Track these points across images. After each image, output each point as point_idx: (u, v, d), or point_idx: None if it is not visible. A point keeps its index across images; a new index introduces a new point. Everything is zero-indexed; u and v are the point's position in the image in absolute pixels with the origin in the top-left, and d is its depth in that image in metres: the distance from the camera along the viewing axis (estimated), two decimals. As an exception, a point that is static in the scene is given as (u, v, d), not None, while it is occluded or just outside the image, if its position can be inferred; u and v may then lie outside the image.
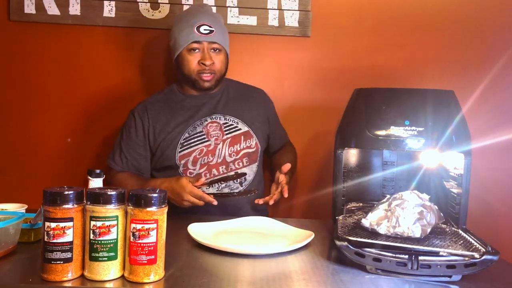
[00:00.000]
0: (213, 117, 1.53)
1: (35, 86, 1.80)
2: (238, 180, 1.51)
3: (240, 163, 1.51)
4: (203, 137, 1.50)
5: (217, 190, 1.48)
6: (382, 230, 1.02)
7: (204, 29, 1.46)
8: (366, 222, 1.05)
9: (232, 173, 1.49)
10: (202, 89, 1.52)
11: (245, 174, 1.50)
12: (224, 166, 1.49)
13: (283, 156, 1.64)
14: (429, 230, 1.01)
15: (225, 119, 1.54)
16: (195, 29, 1.45)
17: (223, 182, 1.47)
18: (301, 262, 1.00)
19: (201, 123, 1.52)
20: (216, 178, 1.47)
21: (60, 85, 1.80)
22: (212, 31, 1.46)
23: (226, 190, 1.49)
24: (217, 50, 1.49)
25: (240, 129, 1.54)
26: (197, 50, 1.47)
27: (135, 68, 1.81)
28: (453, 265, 0.90)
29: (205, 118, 1.53)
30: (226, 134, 1.52)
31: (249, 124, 1.55)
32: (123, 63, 1.81)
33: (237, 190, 1.50)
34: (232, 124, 1.54)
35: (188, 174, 1.48)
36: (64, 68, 1.80)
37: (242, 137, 1.53)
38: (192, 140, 1.49)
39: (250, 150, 1.53)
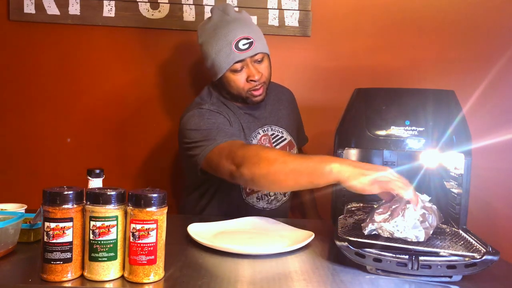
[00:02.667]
0: (264, 129, 1.47)
1: (35, 86, 1.80)
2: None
3: None
4: None
5: (267, 202, 1.46)
6: (384, 235, 1.00)
7: (243, 44, 1.32)
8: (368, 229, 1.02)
9: None
10: (254, 104, 1.42)
11: None
12: None
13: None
14: (431, 232, 1.01)
15: (271, 129, 1.48)
16: (234, 47, 1.32)
17: None
18: (301, 262, 1.00)
19: (255, 136, 1.44)
20: None
21: (60, 85, 1.80)
22: (252, 42, 1.33)
23: (274, 201, 1.46)
24: (261, 59, 1.38)
25: (285, 139, 1.50)
26: (240, 68, 1.35)
27: (135, 68, 1.81)
28: (454, 265, 0.90)
29: (258, 131, 1.45)
30: (275, 145, 1.47)
31: (290, 132, 1.52)
32: (123, 63, 1.81)
33: (281, 201, 1.49)
34: (278, 135, 1.49)
35: (247, 190, 1.43)
36: (64, 68, 1.80)
37: (288, 147, 1.50)
38: None
39: None
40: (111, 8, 1.76)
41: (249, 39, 1.33)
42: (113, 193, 0.84)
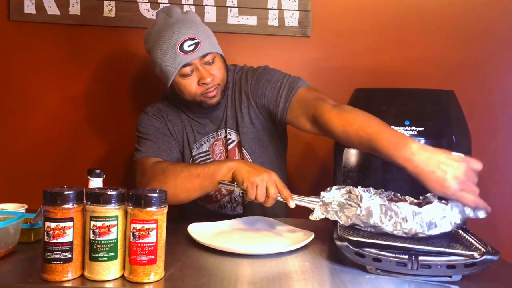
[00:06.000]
0: (219, 133, 1.41)
1: (35, 86, 1.80)
2: None
3: None
4: (208, 157, 1.40)
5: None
6: (388, 228, 1.00)
7: (189, 46, 1.23)
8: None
9: None
10: (210, 107, 1.33)
11: None
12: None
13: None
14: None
15: (225, 132, 1.41)
16: (179, 50, 1.22)
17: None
18: (301, 262, 1.00)
19: (208, 140, 1.41)
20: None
21: (60, 85, 1.80)
22: (198, 43, 1.24)
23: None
24: (211, 60, 1.28)
25: (234, 140, 1.40)
26: (190, 72, 1.27)
27: (135, 68, 1.81)
28: (453, 265, 0.90)
29: (213, 135, 1.41)
30: (228, 148, 1.41)
31: (238, 131, 1.39)
32: (123, 63, 1.81)
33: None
34: (229, 137, 1.41)
35: (221, 204, 1.43)
36: (64, 68, 1.80)
37: (236, 149, 1.40)
38: (201, 160, 1.40)
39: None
40: (111, 9, 1.76)
41: (195, 39, 1.24)
42: (113, 193, 0.85)
